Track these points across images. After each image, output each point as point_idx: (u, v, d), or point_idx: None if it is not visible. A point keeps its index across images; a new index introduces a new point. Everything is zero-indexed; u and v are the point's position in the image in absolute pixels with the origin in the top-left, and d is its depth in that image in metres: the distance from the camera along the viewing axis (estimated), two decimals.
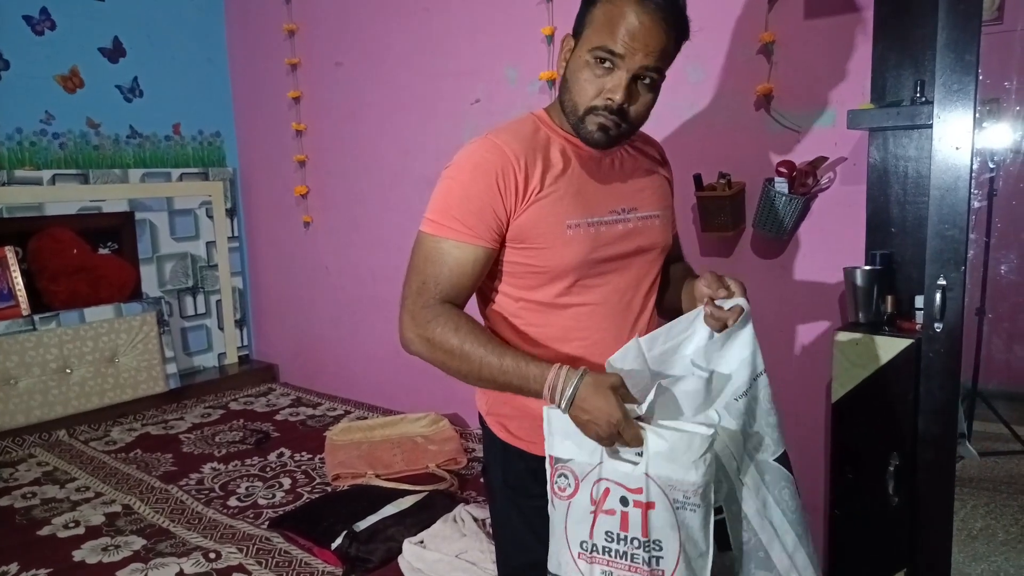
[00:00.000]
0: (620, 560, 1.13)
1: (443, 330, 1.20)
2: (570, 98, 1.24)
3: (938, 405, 1.54)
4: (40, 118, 3.01)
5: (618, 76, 1.19)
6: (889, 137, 1.75)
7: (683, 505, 1.11)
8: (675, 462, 1.09)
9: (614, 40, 1.17)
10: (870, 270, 1.73)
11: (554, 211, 1.24)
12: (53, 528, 2.03)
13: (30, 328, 2.81)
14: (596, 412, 1.11)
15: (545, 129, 1.29)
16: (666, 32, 1.19)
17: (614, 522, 1.13)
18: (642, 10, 1.17)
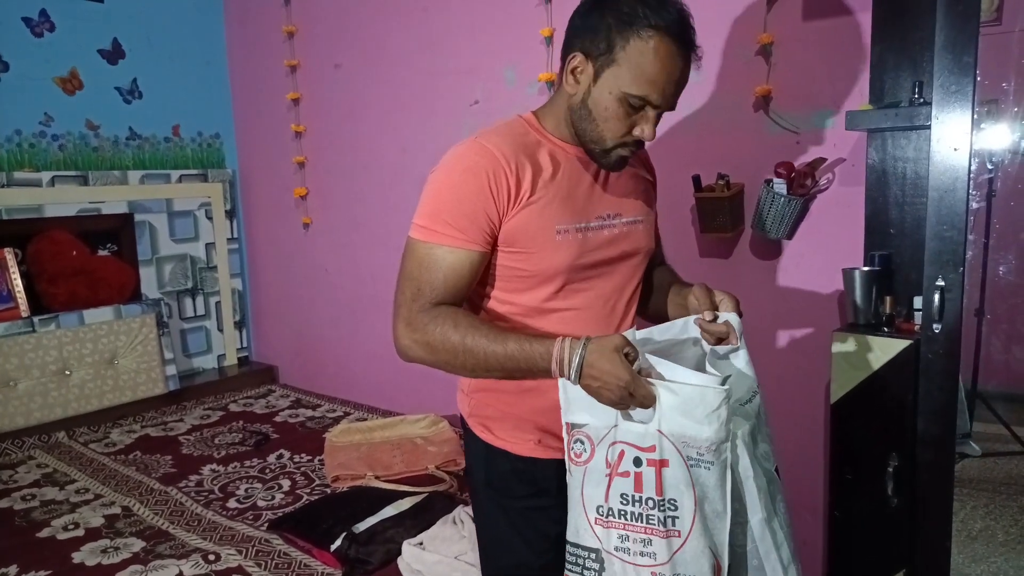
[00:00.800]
0: (636, 523, 1.12)
1: (443, 330, 1.19)
2: (596, 129, 1.23)
3: (937, 406, 1.54)
4: (39, 120, 3.01)
5: (650, 116, 1.21)
6: (887, 138, 1.76)
7: (697, 463, 1.09)
8: (688, 416, 1.07)
9: (649, 90, 1.17)
10: (869, 271, 1.73)
11: (544, 216, 1.24)
12: (53, 530, 2.03)
13: (29, 330, 2.81)
14: (605, 376, 1.09)
15: (534, 133, 1.29)
16: (689, 67, 1.23)
17: (628, 484, 1.12)
18: (679, 54, 1.19)
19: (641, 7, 1.17)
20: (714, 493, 1.10)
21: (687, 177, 2.06)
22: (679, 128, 2.15)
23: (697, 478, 1.09)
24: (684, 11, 1.22)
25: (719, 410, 1.07)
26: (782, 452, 2.06)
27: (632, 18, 1.17)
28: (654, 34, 1.16)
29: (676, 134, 2.16)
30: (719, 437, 1.08)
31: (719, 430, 1.08)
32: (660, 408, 1.09)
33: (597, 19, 1.21)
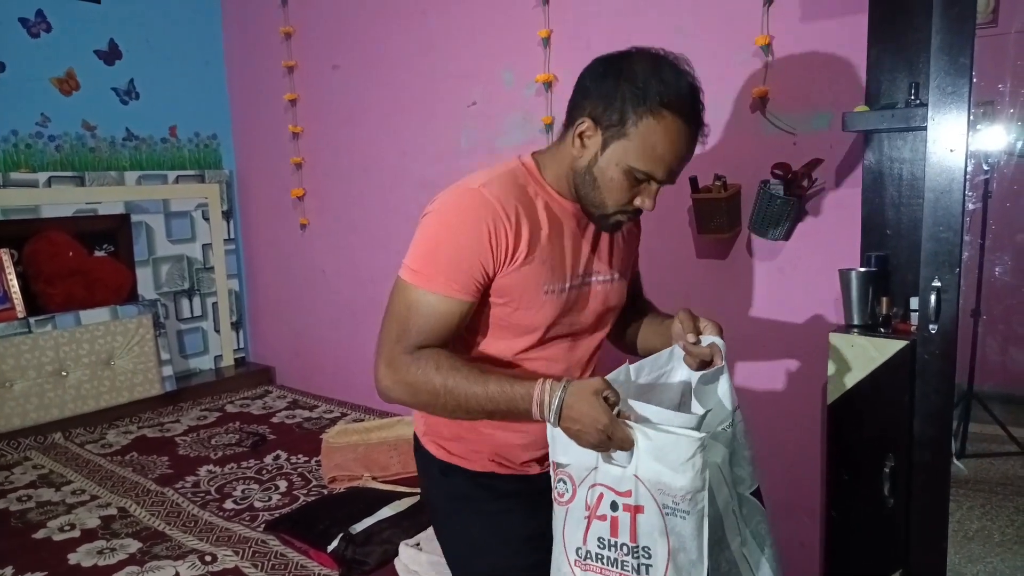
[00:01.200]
0: (611, 568, 1.11)
1: (424, 371, 1.20)
2: (599, 196, 1.24)
3: (933, 407, 1.55)
4: (36, 120, 3.01)
5: (652, 190, 1.23)
6: (884, 139, 1.76)
7: (673, 511, 1.08)
8: (663, 463, 1.07)
9: (654, 166, 1.19)
10: (865, 272, 1.73)
11: (535, 276, 1.26)
12: (49, 531, 2.03)
13: (26, 331, 2.80)
14: (584, 419, 1.10)
15: (533, 185, 1.29)
16: (694, 146, 1.24)
17: (605, 528, 1.12)
18: (684, 135, 1.20)
19: (656, 82, 1.19)
20: (691, 543, 1.08)
21: (684, 178, 2.06)
22: None
23: (672, 527, 1.08)
24: (695, 86, 1.24)
25: (693, 459, 1.06)
26: (779, 453, 2.07)
27: (647, 95, 1.18)
28: (667, 114, 1.18)
29: None
30: (694, 486, 1.07)
31: (694, 479, 1.06)
32: (637, 452, 1.08)
33: (611, 88, 1.21)
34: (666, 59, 1.25)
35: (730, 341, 2.19)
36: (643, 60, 1.24)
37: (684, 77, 1.23)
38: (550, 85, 2.39)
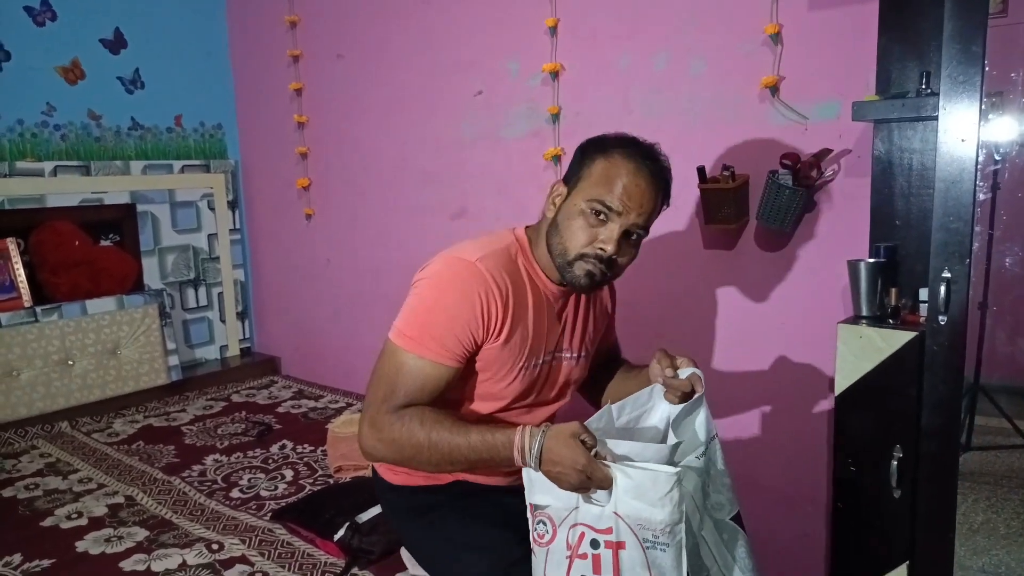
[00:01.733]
0: None
1: (409, 427, 1.24)
2: (560, 242, 1.32)
3: (941, 398, 1.54)
4: (41, 110, 3.00)
5: (611, 228, 1.29)
6: (894, 129, 1.75)
7: (653, 544, 1.11)
8: (642, 499, 1.11)
9: (612, 196, 1.27)
10: (874, 263, 1.72)
11: (512, 353, 1.35)
12: (56, 519, 2.03)
13: (32, 320, 2.81)
14: (563, 461, 1.14)
15: (523, 261, 1.38)
16: (656, 196, 1.32)
17: (587, 566, 1.15)
18: (640, 173, 1.29)
19: (617, 141, 1.34)
20: (671, 574, 1.12)
21: (691, 168, 2.05)
22: (684, 119, 2.14)
23: (654, 560, 1.11)
24: (660, 155, 1.35)
25: (671, 493, 1.10)
26: (785, 444, 2.07)
27: (606, 146, 1.33)
28: (616, 153, 1.30)
29: (681, 125, 2.15)
30: (672, 519, 1.11)
31: (672, 512, 1.10)
32: (616, 491, 1.12)
33: (577, 156, 1.37)
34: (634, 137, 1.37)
35: (737, 331, 2.20)
36: (610, 134, 1.38)
37: (641, 141, 1.35)
38: (557, 75, 2.38)
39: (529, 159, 2.48)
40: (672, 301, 2.25)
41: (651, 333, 2.30)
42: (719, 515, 1.26)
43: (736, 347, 2.14)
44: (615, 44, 2.24)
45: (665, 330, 2.27)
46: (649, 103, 2.20)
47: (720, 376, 2.19)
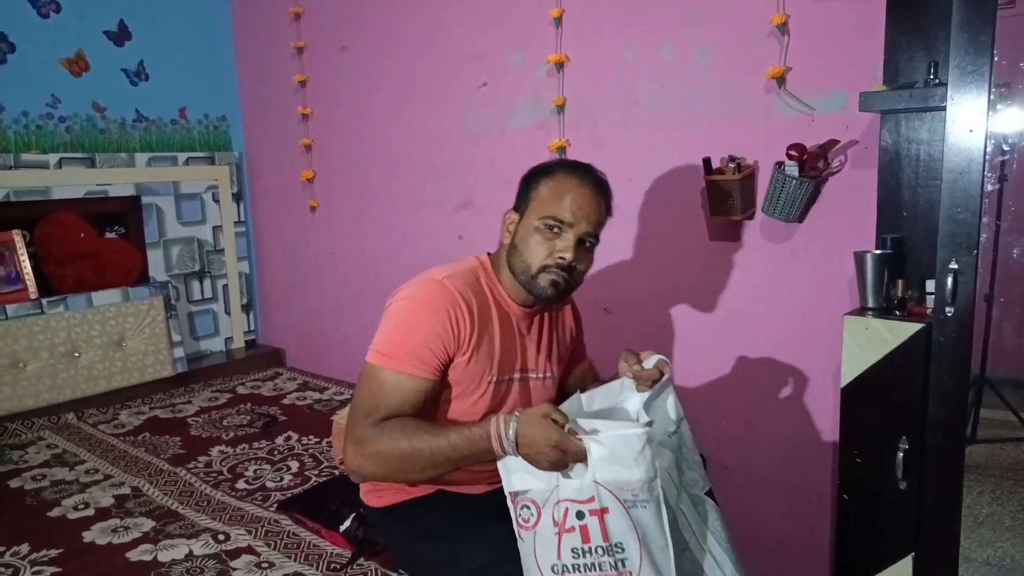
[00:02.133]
0: (590, 571, 1.19)
1: (391, 438, 1.29)
2: (522, 260, 1.42)
3: (948, 390, 1.54)
4: (46, 101, 3.01)
5: (567, 239, 1.39)
6: (901, 120, 1.74)
7: (634, 503, 1.17)
8: (618, 463, 1.16)
9: (562, 210, 1.39)
10: (881, 254, 1.71)
11: (481, 366, 1.41)
12: (63, 510, 2.04)
13: (38, 312, 2.81)
14: (537, 442, 1.18)
15: (485, 280, 1.47)
16: (601, 205, 1.44)
17: (576, 538, 1.19)
18: (584, 185, 1.41)
19: (557, 164, 1.47)
20: (654, 529, 1.17)
21: (697, 160, 2.05)
22: (689, 110, 2.13)
23: (637, 519, 1.17)
24: (594, 171, 1.46)
25: (644, 451, 1.15)
26: (790, 436, 2.06)
27: (547, 170, 1.45)
28: (558, 172, 1.43)
29: (686, 116, 2.14)
30: (648, 475, 1.16)
31: (648, 469, 1.16)
32: (592, 460, 1.17)
33: (523, 185, 1.48)
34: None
35: (742, 323, 2.19)
36: (549, 161, 1.50)
37: (579, 163, 1.47)
38: (562, 66, 2.37)
39: (535, 151, 2.47)
40: (677, 294, 2.25)
41: (656, 326, 2.30)
42: (694, 491, 1.32)
43: (741, 339, 2.14)
44: (620, 35, 2.23)
45: (670, 323, 2.27)
46: (654, 94, 2.19)
47: (725, 368, 2.19)
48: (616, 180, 2.29)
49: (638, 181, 2.28)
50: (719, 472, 2.24)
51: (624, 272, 2.36)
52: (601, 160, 2.32)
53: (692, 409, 2.25)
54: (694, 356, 2.23)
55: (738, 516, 2.20)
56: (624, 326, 2.39)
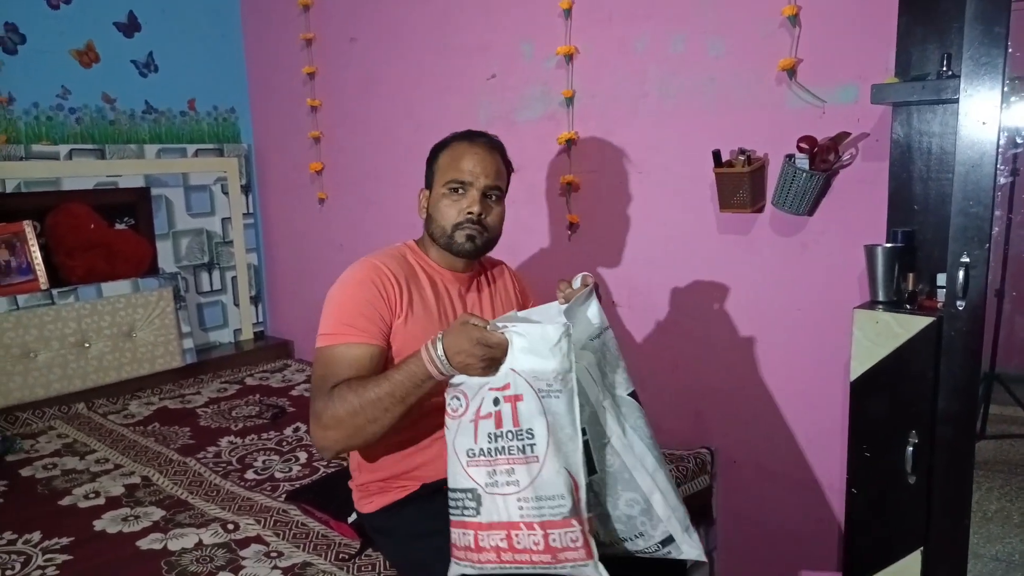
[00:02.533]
0: (500, 456, 1.26)
1: (341, 400, 1.36)
2: (438, 224, 1.58)
3: (959, 383, 1.53)
4: (56, 93, 3.01)
5: (471, 195, 1.55)
6: (913, 112, 1.73)
7: (547, 393, 1.24)
8: (535, 353, 1.24)
9: (460, 172, 1.56)
10: (891, 248, 1.70)
11: (420, 327, 1.50)
12: (74, 498, 2.06)
13: (48, 302, 2.83)
14: (462, 345, 1.25)
15: (414, 257, 1.63)
16: (495, 158, 1.59)
17: (490, 424, 1.27)
18: (475, 145, 1.59)
19: (451, 135, 1.64)
20: (564, 419, 1.24)
21: (707, 152, 2.04)
22: (699, 102, 2.12)
23: (548, 407, 1.24)
24: (483, 132, 1.64)
25: (560, 343, 1.23)
26: (799, 429, 2.06)
27: (442, 144, 1.64)
28: (452, 142, 1.62)
29: (696, 108, 2.13)
30: (563, 367, 1.24)
31: (562, 361, 1.24)
32: (512, 351, 1.26)
33: (428, 161, 1.66)
34: None
35: (751, 317, 2.18)
36: None
37: (471, 130, 1.64)
38: (571, 57, 2.36)
39: (544, 143, 2.47)
40: (686, 287, 2.24)
41: (664, 319, 2.30)
42: (617, 391, 1.41)
43: (750, 332, 2.13)
44: (631, 25, 2.22)
45: (678, 316, 2.26)
46: (665, 85, 2.18)
47: (734, 361, 2.18)
48: (626, 172, 2.31)
49: (647, 173, 2.27)
50: (727, 465, 2.24)
51: (632, 264, 2.36)
52: (610, 152, 2.33)
53: (700, 402, 2.26)
54: (702, 349, 2.23)
55: (746, 508, 2.21)
56: (631, 318, 2.39)
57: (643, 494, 1.35)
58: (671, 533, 1.36)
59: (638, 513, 1.36)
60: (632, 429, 1.38)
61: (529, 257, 2.60)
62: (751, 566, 2.24)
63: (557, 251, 2.52)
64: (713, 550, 2.26)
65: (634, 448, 1.37)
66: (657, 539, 1.37)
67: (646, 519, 1.36)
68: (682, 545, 1.37)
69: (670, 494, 1.37)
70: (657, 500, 1.35)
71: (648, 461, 1.37)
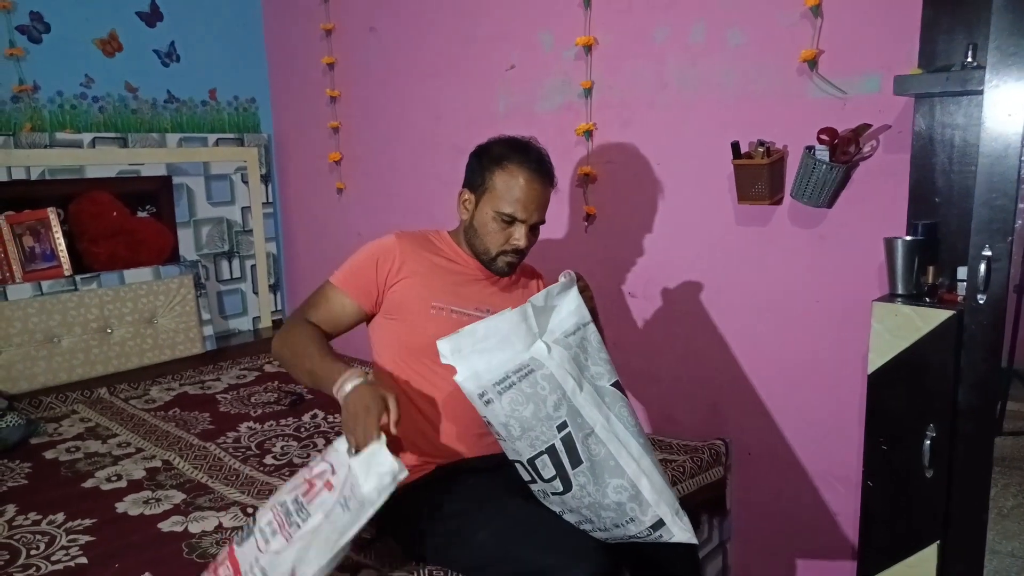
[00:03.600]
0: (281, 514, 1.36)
1: (298, 331, 1.59)
2: (481, 243, 1.65)
3: (980, 377, 1.52)
4: (80, 81, 3.05)
5: (520, 229, 1.61)
6: (936, 104, 1.71)
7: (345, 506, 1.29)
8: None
9: (514, 208, 1.59)
10: (912, 240, 1.69)
11: (421, 292, 1.62)
12: (96, 481, 2.09)
13: (72, 288, 2.87)
14: (363, 403, 1.37)
15: (441, 243, 1.73)
16: (546, 192, 1.64)
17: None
18: (532, 182, 1.60)
19: (507, 150, 1.62)
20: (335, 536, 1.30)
21: (725, 143, 2.03)
22: (719, 93, 2.11)
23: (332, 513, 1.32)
24: (542, 153, 1.65)
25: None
26: (816, 422, 2.06)
27: (500, 158, 1.62)
28: (515, 167, 1.60)
29: (715, 99, 2.12)
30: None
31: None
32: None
33: (476, 163, 1.66)
34: (514, 137, 1.67)
35: (769, 309, 2.17)
36: (496, 140, 1.67)
37: (524, 141, 1.65)
38: (590, 48, 2.36)
39: (562, 133, 2.47)
40: (703, 279, 2.24)
41: (681, 311, 2.30)
42: (599, 382, 1.45)
43: (768, 324, 2.12)
44: (651, 15, 2.21)
45: (695, 308, 2.26)
46: (685, 76, 2.17)
47: (751, 353, 2.18)
48: (643, 163, 2.30)
49: (665, 165, 2.27)
50: (742, 456, 2.24)
51: (648, 256, 2.35)
52: (628, 143, 2.32)
53: (716, 393, 2.25)
54: (718, 340, 2.23)
55: (761, 500, 2.21)
56: (648, 309, 2.39)
57: (630, 480, 1.38)
58: (660, 517, 1.39)
59: (627, 499, 1.38)
60: (616, 417, 1.42)
61: (545, 248, 2.60)
62: (765, 557, 2.24)
63: (573, 242, 2.52)
64: (727, 541, 2.26)
65: (618, 435, 1.41)
66: (647, 523, 1.39)
67: (635, 504, 1.38)
68: (672, 528, 1.39)
69: (656, 478, 1.40)
70: (644, 485, 1.38)
71: (633, 447, 1.41)
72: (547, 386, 1.37)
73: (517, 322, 1.40)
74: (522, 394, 1.36)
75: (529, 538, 1.41)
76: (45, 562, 1.66)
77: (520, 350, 1.39)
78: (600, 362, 1.48)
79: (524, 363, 1.38)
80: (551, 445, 1.37)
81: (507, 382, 1.36)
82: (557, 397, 1.37)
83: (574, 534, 1.44)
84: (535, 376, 1.37)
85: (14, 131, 2.87)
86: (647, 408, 2.42)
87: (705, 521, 2.16)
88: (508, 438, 1.40)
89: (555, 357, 1.40)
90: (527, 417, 1.36)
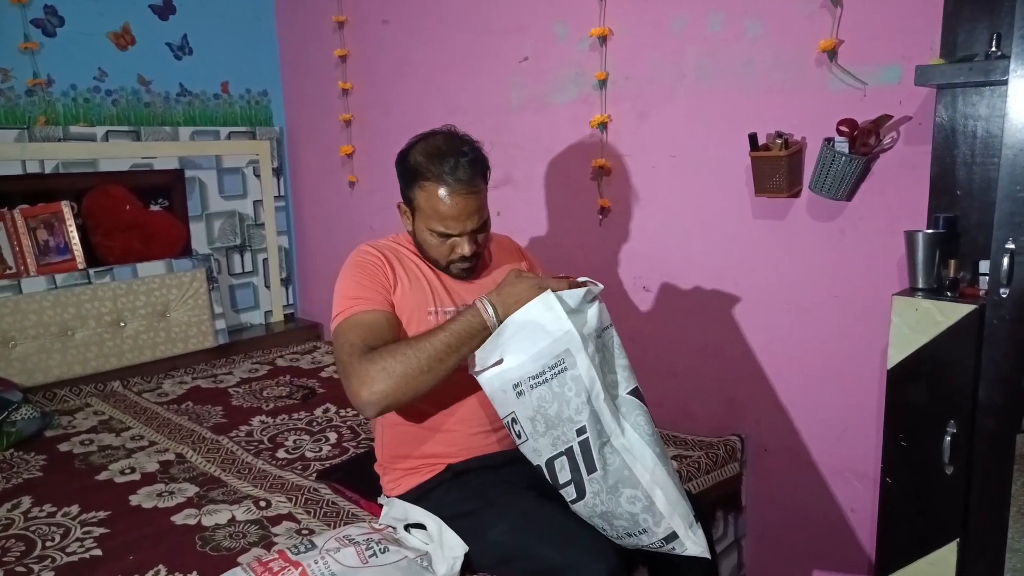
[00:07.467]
0: None
1: (389, 354, 1.37)
2: (428, 254, 1.60)
3: (1002, 373, 1.50)
4: (93, 75, 3.05)
5: (459, 242, 1.54)
6: (958, 95, 1.68)
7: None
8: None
9: (443, 224, 1.52)
10: (933, 234, 1.67)
11: (416, 299, 1.57)
12: (110, 473, 2.10)
13: (85, 281, 2.88)
14: (516, 286, 1.40)
15: (405, 248, 1.65)
16: (476, 195, 1.52)
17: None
18: (454, 194, 1.49)
19: (423, 161, 1.53)
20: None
21: (743, 135, 2.01)
22: (736, 84, 2.09)
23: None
24: (461, 157, 1.51)
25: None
26: (834, 417, 2.04)
27: (416, 175, 1.53)
28: (432, 184, 1.50)
29: (733, 90, 2.10)
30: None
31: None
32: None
33: (400, 176, 1.60)
34: (431, 138, 1.59)
35: (786, 302, 2.15)
36: (417, 145, 1.59)
37: (440, 144, 1.55)
38: (605, 39, 2.33)
39: (577, 126, 2.45)
40: (719, 272, 2.22)
41: (696, 304, 2.28)
42: (614, 391, 1.42)
43: (785, 319, 2.10)
44: (668, 6, 2.19)
45: (711, 302, 2.24)
46: (703, 66, 2.15)
47: (768, 347, 2.16)
48: (659, 155, 2.28)
49: (681, 157, 2.24)
50: (758, 452, 2.22)
51: (664, 249, 2.33)
52: (644, 135, 2.30)
53: (732, 388, 2.23)
54: (734, 335, 2.20)
55: (779, 495, 2.19)
56: (662, 303, 2.37)
57: (644, 490, 1.36)
58: (674, 529, 1.37)
59: (640, 510, 1.36)
60: (632, 427, 1.39)
61: (559, 241, 2.59)
62: (781, 554, 2.22)
63: (588, 235, 2.50)
64: (742, 538, 2.25)
65: (633, 446, 1.38)
66: (660, 535, 1.37)
67: (648, 516, 1.36)
68: (686, 542, 1.37)
69: (671, 490, 1.37)
70: (659, 496, 1.36)
71: (647, 457, 1.38)
72: (574, 387, 1.35)
73: (542, 310, 1.38)
74: (551, 392, 1.35)
75: (544, 534, 1.41)
76: (60, 553, 1.67)
77: (557, 335, 1.36)
78: (618, 369, 1.45)
79: (559, 354, 1.35)
80: (570, 447, 1.37)
81: (542, 377, 1.36)
82: (581, 401, 1.35)
83: (590, 530, 1.43)
84: (566, 376, 1.35)
85: (28, 124, 2.88)
86: (663, 402, 2.40)
87: (720, 517, 2.14)
88: (532, 434, 1.39)
89: (589, 349, 1.37)
90: (551, 416, 1.36)
